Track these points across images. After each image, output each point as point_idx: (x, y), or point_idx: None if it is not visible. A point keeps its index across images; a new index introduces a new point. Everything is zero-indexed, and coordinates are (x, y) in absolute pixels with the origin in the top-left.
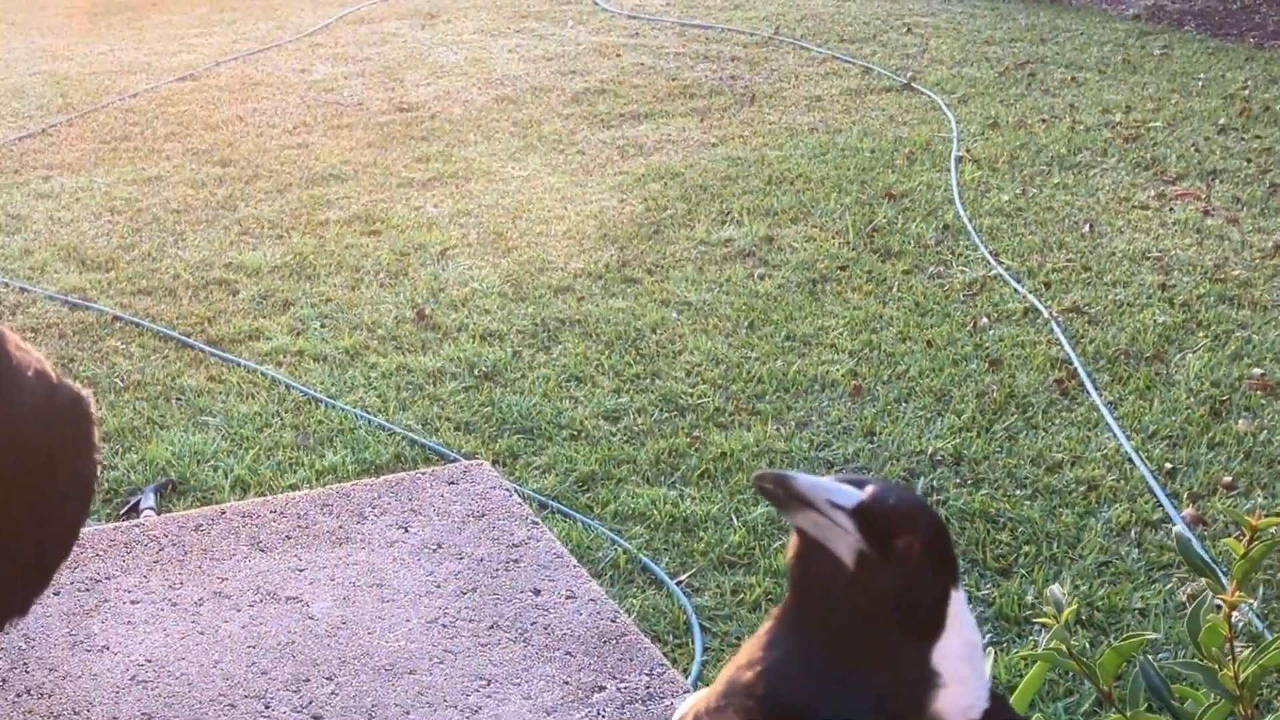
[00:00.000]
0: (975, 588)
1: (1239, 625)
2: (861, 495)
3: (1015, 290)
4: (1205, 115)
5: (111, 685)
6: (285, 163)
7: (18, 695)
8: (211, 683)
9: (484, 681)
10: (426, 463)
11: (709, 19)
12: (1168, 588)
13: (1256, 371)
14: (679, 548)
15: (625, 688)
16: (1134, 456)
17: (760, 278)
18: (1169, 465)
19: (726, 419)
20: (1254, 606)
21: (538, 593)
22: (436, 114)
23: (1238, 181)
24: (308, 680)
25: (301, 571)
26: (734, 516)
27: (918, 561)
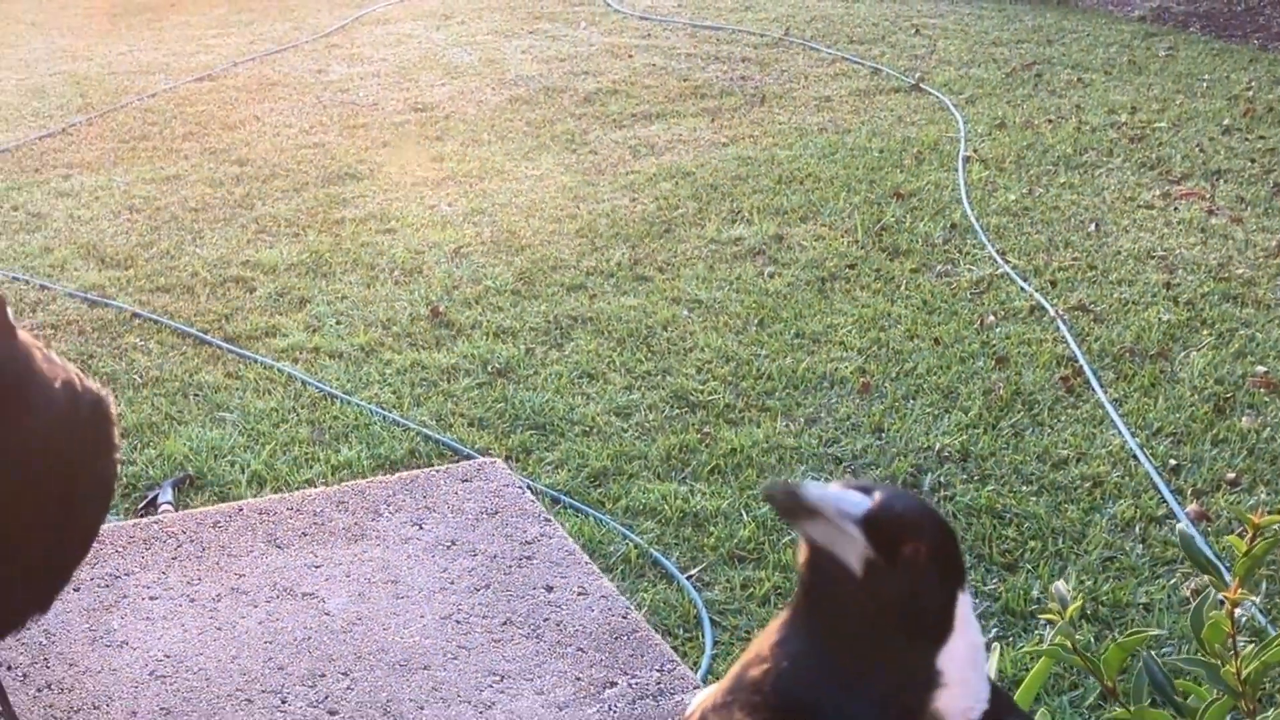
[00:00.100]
0: (982, 582)
1: (1242, 620)
2: (869, 503)
3: (1022, 289)
4: (1210, 116)
5: (130, 680)
6: (302, 162)
7: (38, 690)
8: (229, 678)
9: (497, 677)
10: (440, 458)
11: (720, 20)
12: (1171, 583)
13: (1260, 369)
14: (689, 542)
15: (636, 683)
16: (1139, 453)
17: (770, 276)
18: (1173, 462)
19: (737, 415)
20: (1257, 602)
21: (550, 589)
22: (451, 114)
23: (1242, 181)
24: (323, 675)
25: (317, 568)
26: (744, 512)
27: (924, 567)
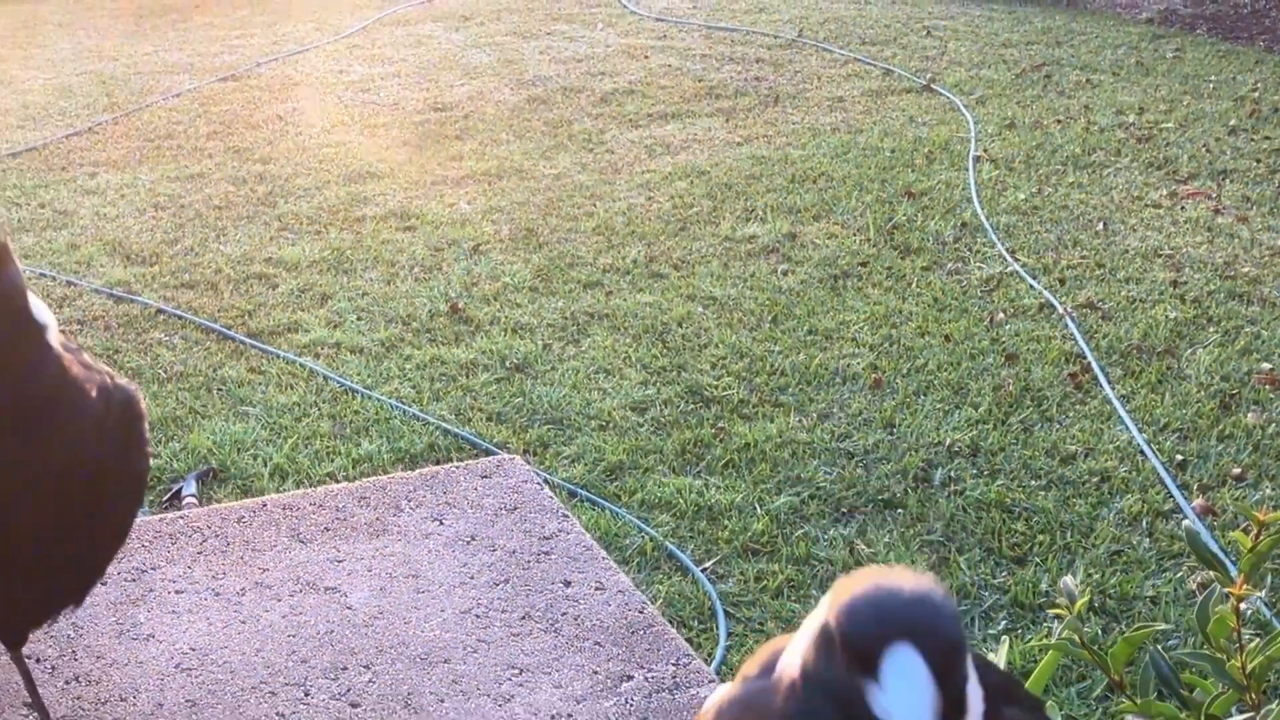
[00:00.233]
0: (991, 575)
1: (1247, 613)
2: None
3: (1031, 286)
4: (1216, 117)
5: (157, 672)
6: (323, 161)
7: (66, 682)
8: (253, 670)
9: (516, 670)
10: (459, 452)
11: (734, 22)
12: (1178, 576)
13: (1265, 366)
14: (704, 535)
15: (652, 677)
16: (1146, 449)
17: (783, 273)
18: (1180, 457)
19: (750, 410)
20: (1262, 597)
21: (568, 584)
22: (470, 113)
23: (1248, 181)
24: (345, 669)
25: (340, 563)
26: (757, 505)
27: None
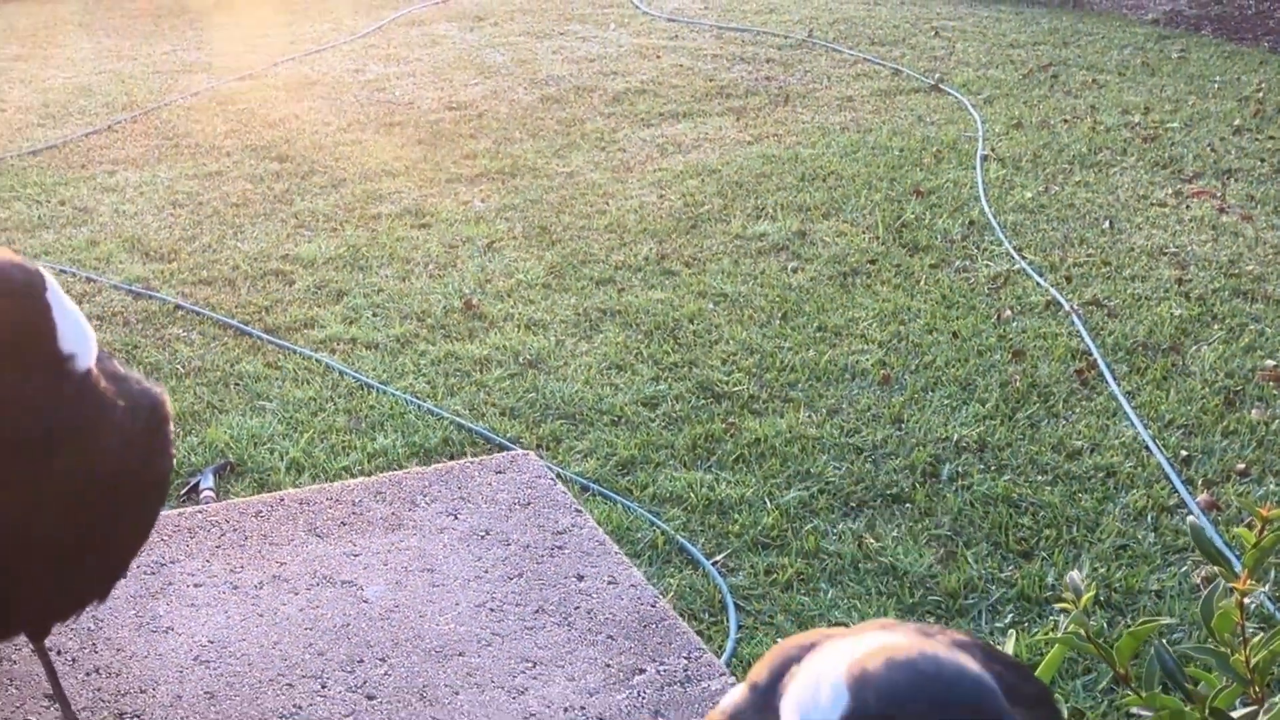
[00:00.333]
0: (998, 569)
1: (1251, 608)
2: None
3: (1038, 284)
4: (1221, 116)
5: (176, 665)
6: (339, 159)
7: (87, 674)
8: (271, 663)
9: (530, 663)
10: (473, 446)
11: (745, 22)
12: (1183, 570)
13: (1269, 363)
14: (715, 529)
15: (664, 670)
16: (1151, 444)
17: (793, 271)
18: (1184, 453)
19: (761, 406)
20: (1266, 591)
21: (581, 578)
22: (484, 112)
23: (1252, 180)
24: (362, 661)
25: (356, 556)
26: (767, 500)
27: None
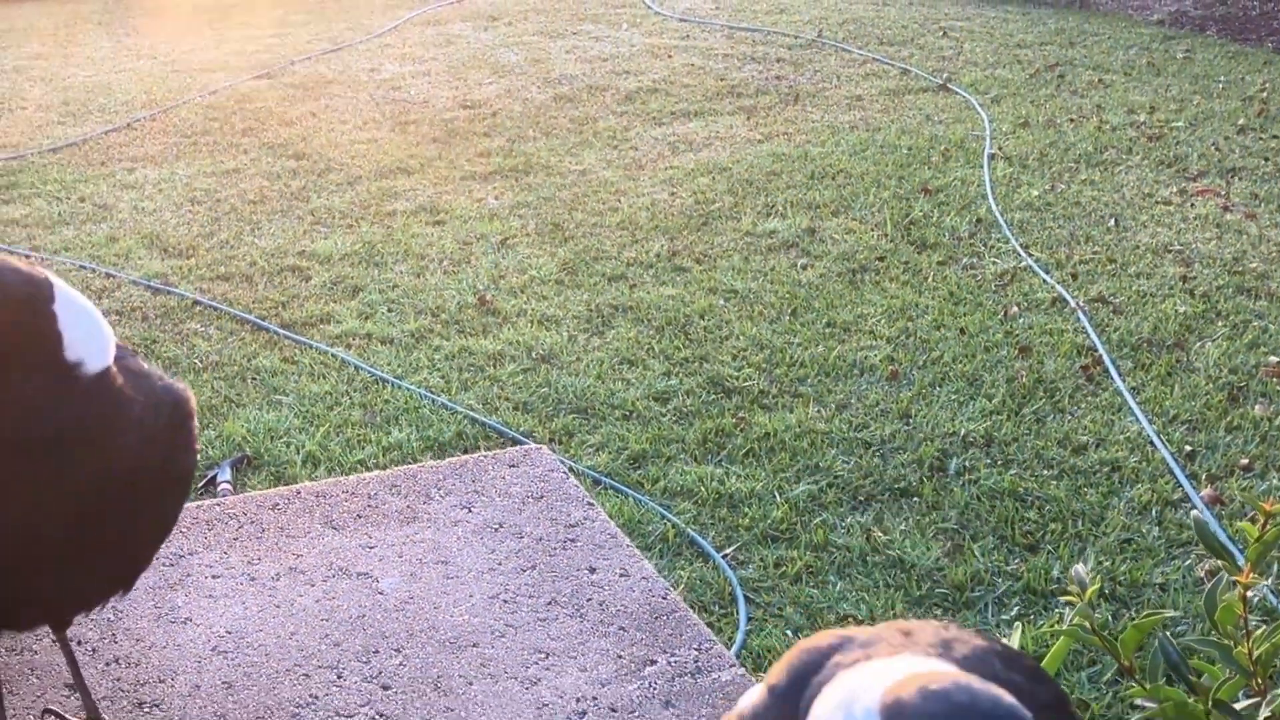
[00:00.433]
0: (1004, 563)
1: (1254, 601)
2: None
3: (1044, 281)
4: (1225, 116)
5: (194, 655)
6: (355, 157)
7: (107, 664)
8: (287, 653)
9: (543, 654)
10: (486, 440)
11: (755, 22)
12: (1187, 564)
13: (1272, 359)
14: (725, 522)
15: (675, 661)
16: (1155, 439)
17: (803, 268)
18: (1188, 448)
19: (770, 401)
20: (1269, 584)
21: (593, 570)
22: (498, 111)
23: (1256, 179)
24: (377, 652)
25: (371, 549)
26: (777, 493)
27: None
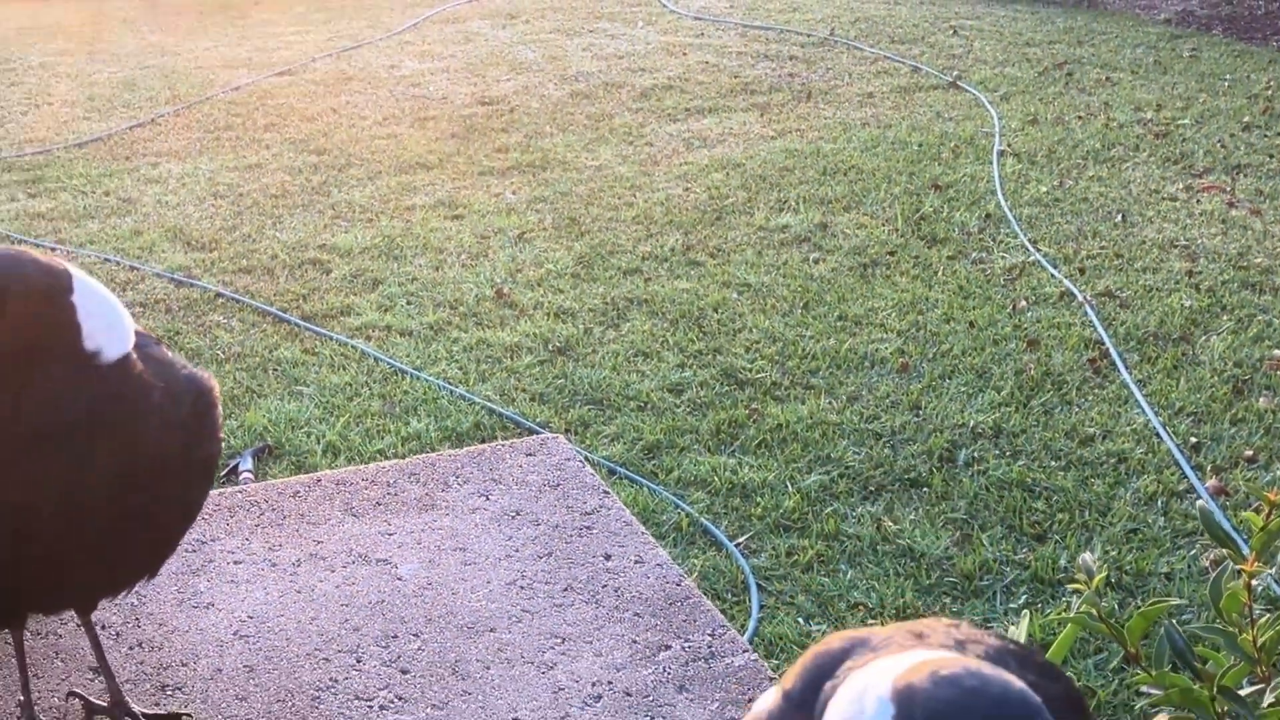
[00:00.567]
0: (1013, 552)
1: (1258, 590)
2: None
3: (1052, 275)
4: (1231, 114)
5: (216, 639)
6: (375, 152)
7: (130, 648)
8: (308, 638)
9: (559, 639)
10: (504, 431)
11: (769, 20)
12: (1192, 554)
13: (1276, 353)
14: (738, 512)
15: (689, 646)
16: (1161, 431)
17: (815, 262)
18: (1194, 440)
19: (783, 393)
20: (1273, 573)
21: (608, 558)
22: (516, 107)
23: (1261, 175)
24: (396, 636)
25: (391, 536)
26: (789, 483)
27: None
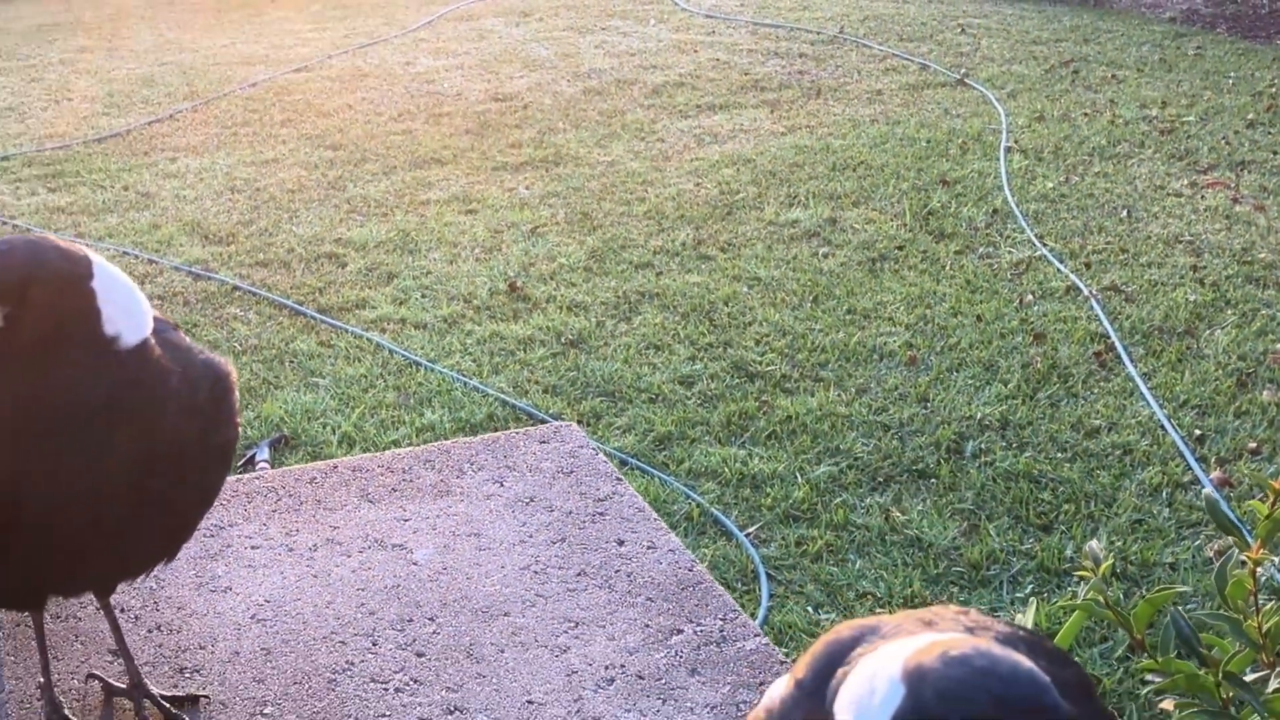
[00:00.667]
0: (1019, 542)
1: (1263, 579)
2: None
3: (1058, 270)
4: (1235, 111)
5: (233, 623)
6: (390, 147)
7: (149, 631)
8: (324, 622)
9: (572, 624)
10: (517, 422)
11: (779, 19)
12: (1196, 544)
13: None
14: (748, 502)
15: (700, 631)
16: (1166, 424)
17: (824, 256)
18: (1198, 432)
19: (792, 385)
20: (1277, 562)
21: (621, 543)
22: (529, 104)
23: (1264, 172)
24: (411, 620)
25: (406, 521)
26: (798, 474)
27: None
